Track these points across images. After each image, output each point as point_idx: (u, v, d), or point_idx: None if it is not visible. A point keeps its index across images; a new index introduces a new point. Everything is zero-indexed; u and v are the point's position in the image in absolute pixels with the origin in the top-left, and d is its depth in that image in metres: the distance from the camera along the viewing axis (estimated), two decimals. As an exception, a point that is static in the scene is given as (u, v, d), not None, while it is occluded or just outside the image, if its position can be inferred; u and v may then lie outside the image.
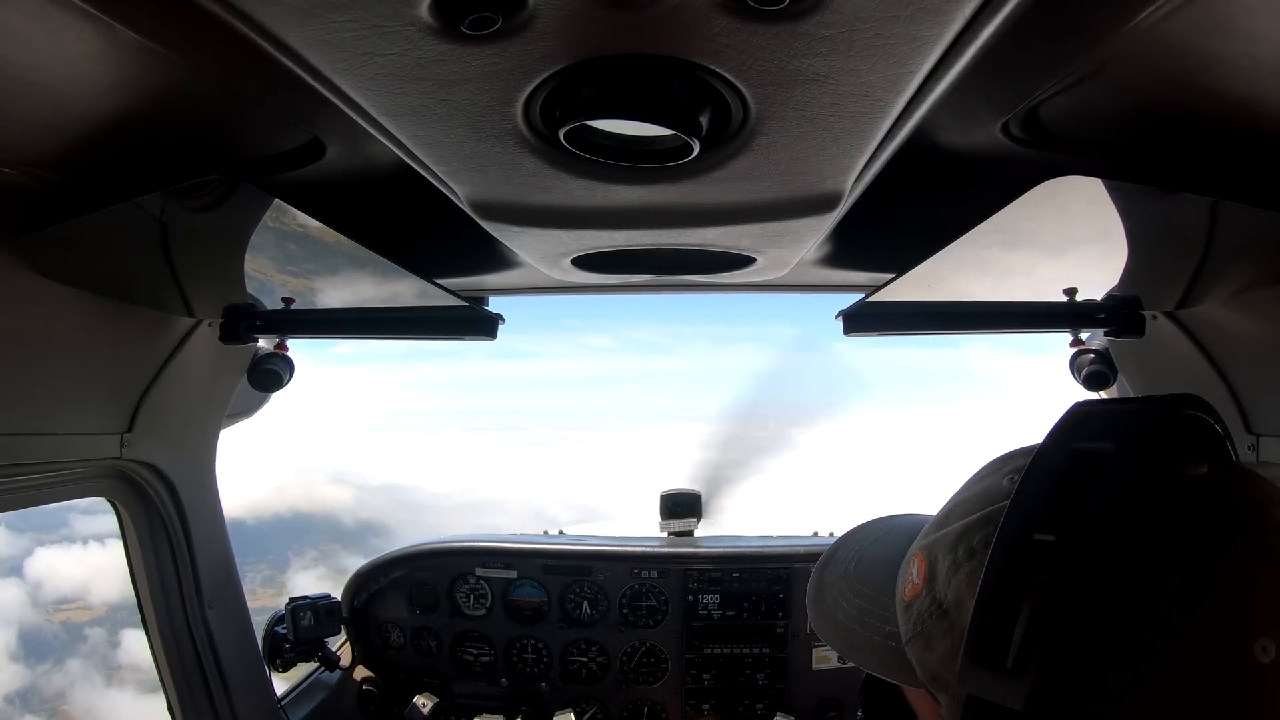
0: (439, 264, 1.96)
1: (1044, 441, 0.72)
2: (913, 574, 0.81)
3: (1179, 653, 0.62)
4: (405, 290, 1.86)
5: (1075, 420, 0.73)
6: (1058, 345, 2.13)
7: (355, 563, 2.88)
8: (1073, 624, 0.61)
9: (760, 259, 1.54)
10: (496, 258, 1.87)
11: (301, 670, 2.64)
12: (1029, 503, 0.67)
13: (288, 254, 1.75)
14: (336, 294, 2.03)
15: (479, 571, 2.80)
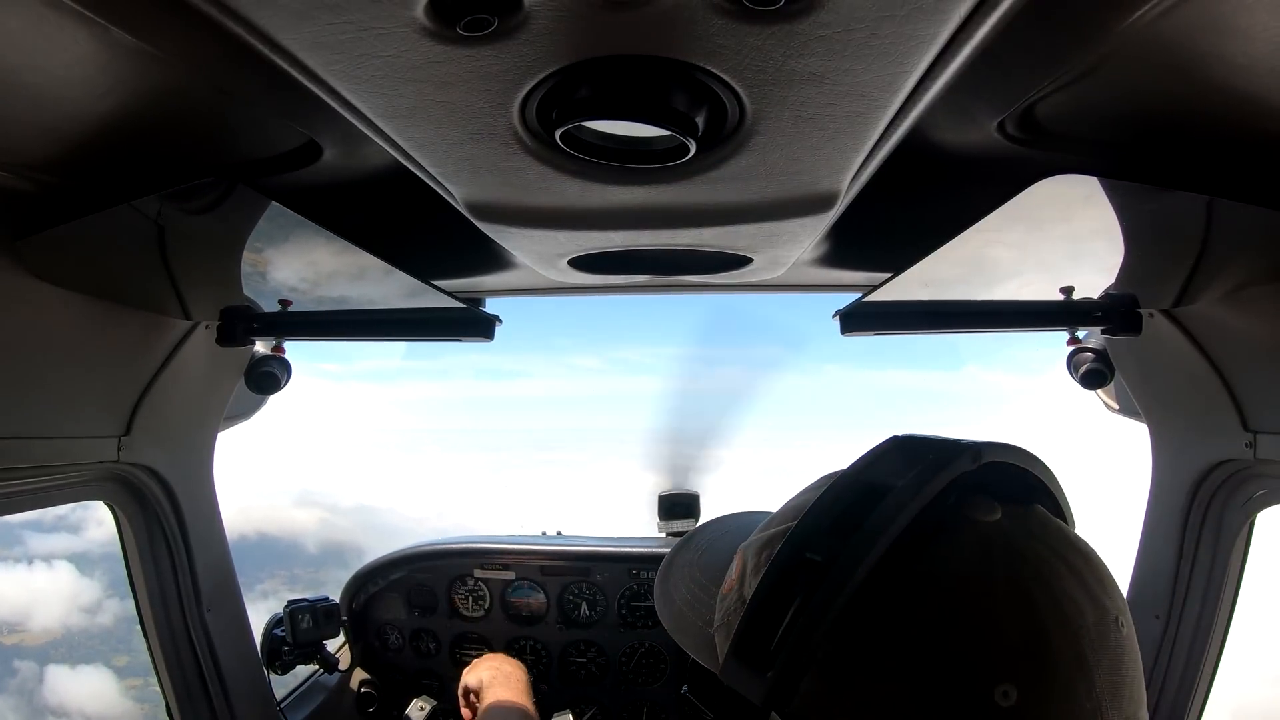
0: (436, 265, 1.96)
1: (844, 469, 0.78)
2: (732, 570, 0.87)
3: (918, 683, 0.65)
4: (402, 292, 1.86)
5: (880, 452, 0.78)
6: (1050, 364, 2.14)
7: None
8: (820, 637, 0.66)
9: (757, 259, 1.54)
10: (493, 259, 1.87)
11: (300, 673, 2.64)
12: (813, 522, 0.73)
13: (284, 256, 1.74)
14: (333, 296, 2.03)
15: (477, 573, 2.80)
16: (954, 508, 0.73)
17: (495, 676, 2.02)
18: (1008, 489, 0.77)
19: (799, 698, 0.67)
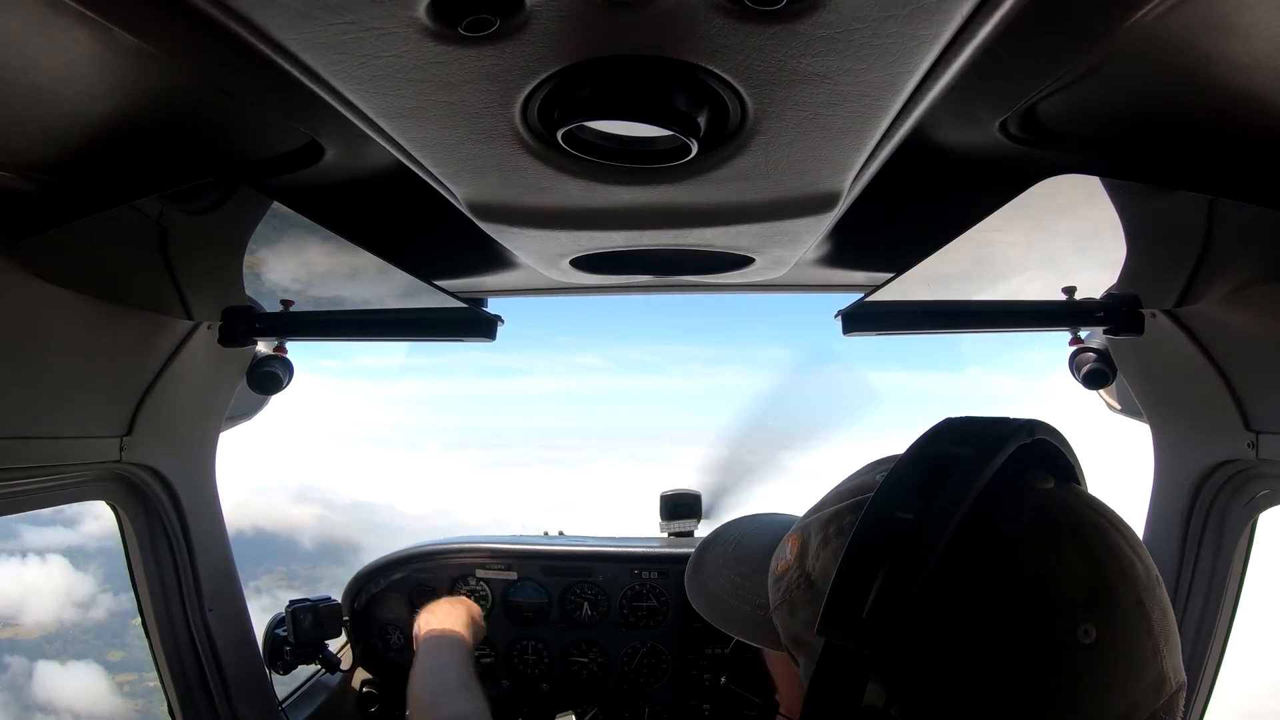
0: (438, 266, 1.96)
1: (911, 445, 0.84)
2: (786, 551, 0.93)
3: (1009, 627, 0.74)
4: (404, 292, 1.87)
5: (940, 429, 0.85)
6: (1051, 366, 2.14)
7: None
8: (918, 589, 0.72)
9: (759, 259, 1.54)
10: (495, 259, 1.87)
11: (302, 673, 2.64)
12: (894, 489, 0.79)
13: (286, 256, 1.75)
14: (335, 296, 2.04)
15: (479, 573, 2.80)
16: (1015, 476, 0.81)
17: (434, 614, 2.12)
18: (1050, 465, 0.86)
19: (898, 649, 0.72)
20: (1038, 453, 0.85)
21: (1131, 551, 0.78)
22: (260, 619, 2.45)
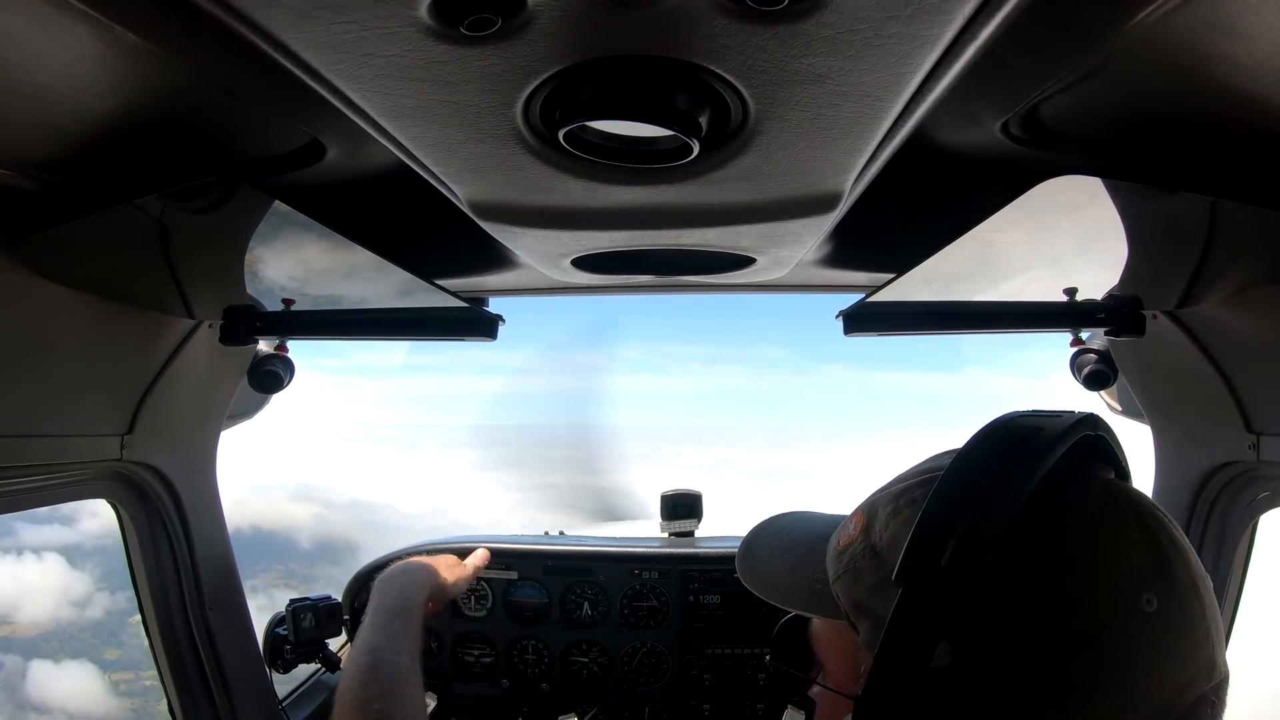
0: (439, 265, 1.96)
1: (981, 429, 0.88)
2: (850, 527, 0.97)
3: (1080, 592, 0.77)
4: (405, 291, 1.87)
5: (1008, 418, 0.90)
6: (1051, 367, 2.14)
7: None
8: (990, 553, 0.76)
9: (760, 259, 1.54)
10: (497, 259, 1.87)
11: (302, 672, 2.64)
12: (969, 459, 0.84)
13: (287, 255, 1.75)
14: (337, 295, 2.04)
15: (480, 572, 2.80)
16: (1079, 464, 0.86)
17: (392, 579, 1.81)
18: (1108, 461, 0.92)
19: (971, 600, 0.76)
20: (1099, 448, 0.90)
21: (1185, 545, 0.83)
22: (257, 619, 2.45)
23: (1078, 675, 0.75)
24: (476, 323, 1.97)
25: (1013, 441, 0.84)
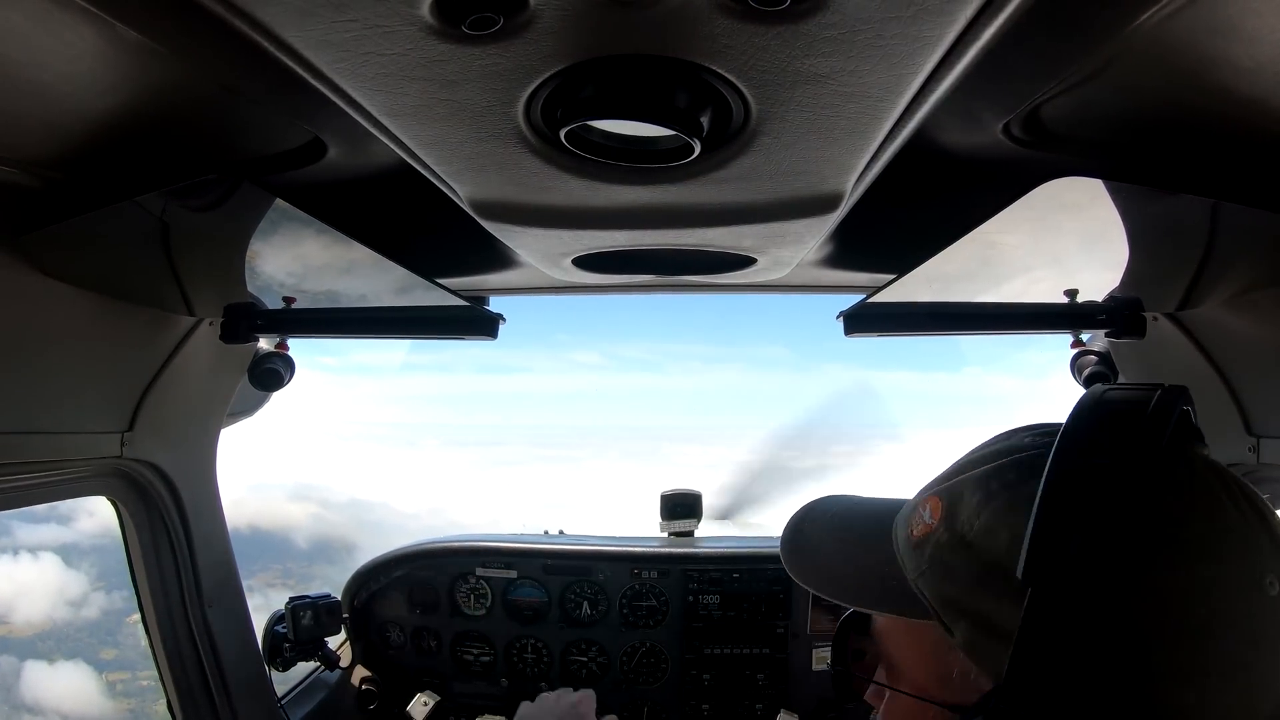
0: (440, 264, 1.96)
1: (1075, 407, 0.81)
2: (924, 515, 0.89)
3: (1207, 573, 0.73)
4: (406, 290, 1.87)
5: (1097, 393, 0.82)
6: (1052, 367, 2.14)
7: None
8: (1122, 531, 0.71)
9: (761, 259, 1.54)
10: (498, 258, 1.87)
11: (301, 670, 2.64)
12: (1078, 437, 0.77)
13: (288, 253, 1.75)
14: (337, 293, 2.04)
15: (479, 571, 2.80)
16: (1178, 441, 0.80)
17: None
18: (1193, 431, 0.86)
19: (1108, 584, 0.71)
20: (1188, 420, 0.84)
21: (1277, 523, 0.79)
22: (255, 619, 2.46)
23: (1210, 660, 0.72)
24: (477, 321, 1.97)
25: (1120, 418, 0.77)
